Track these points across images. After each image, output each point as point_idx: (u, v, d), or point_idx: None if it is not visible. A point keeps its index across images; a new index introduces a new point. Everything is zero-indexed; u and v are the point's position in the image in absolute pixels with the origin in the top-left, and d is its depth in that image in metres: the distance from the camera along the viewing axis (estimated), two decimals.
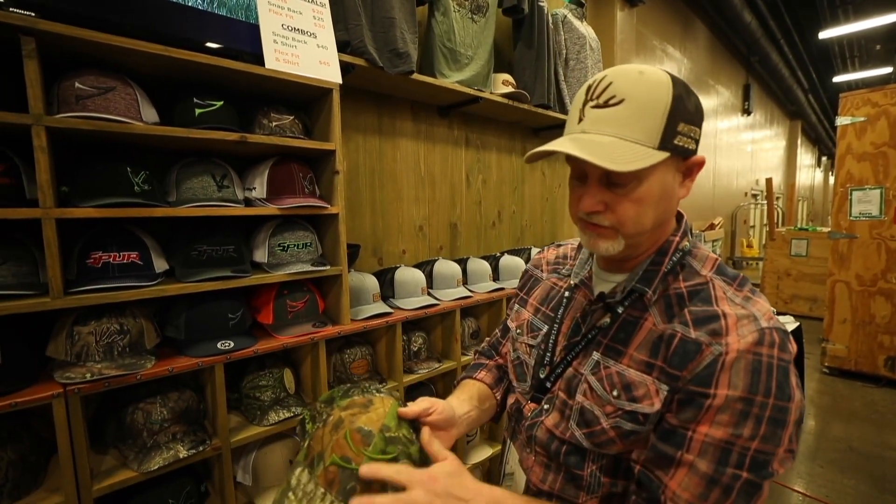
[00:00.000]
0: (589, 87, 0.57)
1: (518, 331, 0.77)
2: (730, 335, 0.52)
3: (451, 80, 1.77)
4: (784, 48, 7.12)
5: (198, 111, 1.12)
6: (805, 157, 13.88)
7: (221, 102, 1.16)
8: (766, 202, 7.10)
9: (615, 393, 0.58)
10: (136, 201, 1.00)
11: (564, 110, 2.34)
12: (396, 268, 1.64)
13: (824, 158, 17.40)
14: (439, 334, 1.73)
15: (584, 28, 2.46)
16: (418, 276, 1.63)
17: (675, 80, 0.55)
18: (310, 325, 1.29)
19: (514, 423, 0.74)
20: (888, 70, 8.46)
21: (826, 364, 3.85)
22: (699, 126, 0.57)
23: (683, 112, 0.54)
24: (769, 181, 6.44)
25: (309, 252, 1.33)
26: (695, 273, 0.60)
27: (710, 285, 0.58)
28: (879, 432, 2.87)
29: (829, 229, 3.91)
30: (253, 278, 1.18)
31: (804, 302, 5.52)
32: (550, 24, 2.23)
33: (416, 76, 1.61)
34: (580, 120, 0.56)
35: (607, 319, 0.63)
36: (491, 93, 1.93)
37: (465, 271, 1.83)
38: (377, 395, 0.66)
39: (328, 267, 1.31)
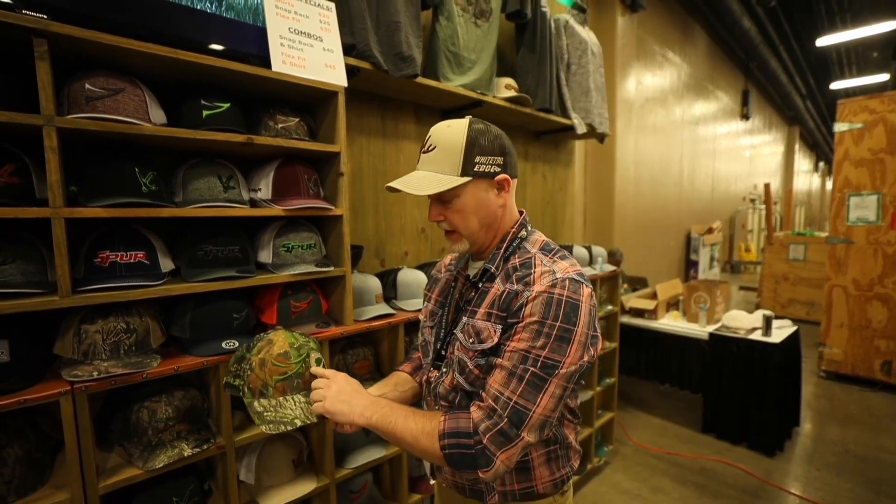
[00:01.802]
0: (424, 140, 0.84)
1: (423, 320, 1.00)
2: (536, 284, 0.75)
3: (455, 83, 1.79)
4: (782, 54, 7.17)
5: (205, 113, 1.13)
6: (803, 162, 13.95)
7: (228, 104, 1.17)
8: (764, 207, 7.13)
9: (471, 340, 0.81)
10: (143, 201, 1.01)
11: (566, 114, 2.36)
12: (399, 269, 1.65)
13: (822, 164, 17.49)
14: None
15: (586, 33, 2.48)
16: (420, 277, 1.64)
17: (472, 127, 0.79)
18: (313, 325, 1.30)
19: (425, 392, 0.95)
20: (885, 77, 8.52)
21: (823, 368, 3.87)
22: (500, 154, 0.80)
23: (478, 147, 0.78)
24: (767, 186, 6.47)
25: (313, 253, 1.34)
26: (525, 252, 0.83)
27: (533, 258, 0.81)
28: (876, 436, 2.89)
29: (827, 234, 3.94)
30: (257, 278, 1.19)
31: (801, 306, 5.55)
32: (553, 30, 2.25)
33: (420, 80, 1.62)
34: (418, 163, 0.84)
35: (473, 293, 0.86)
36: (494, 96, 1.95)
37: None
38: (269, 333, 0.93)
39: (332, 268, 1.32)
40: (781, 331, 2.85)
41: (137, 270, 1.03)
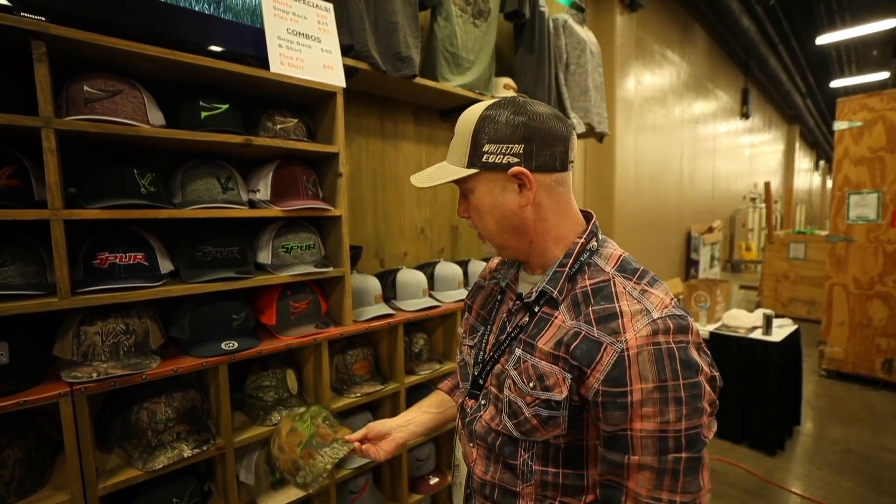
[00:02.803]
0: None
1: (463, 335, 0.85)
2: (627, 332, 0.57)
3: (453, 83, 1.79)
4: (782, 53, 7.16)
5: (203, 114, 1.13)
6: (803, 160, 13.93)
7: (227, 106, 1.17)
8: (764, 205, 7.12)
9: (532, 384, 0.64)
10: (142, 203, 1.01)
11: (565, 114, 2.36)
12: (398, 269, 1.65)
13: (822, 162, 17.47)
14: (441, 335, 1.74)
15: (585, 33, 2.48)
16: (420, 277, 1.64)
17: (489, 107, 0.65)
18: (312, 325, 1.30)
19: (459, 420, 0.81)
20: (885, 75, 8.51)
21: (824, 367, 3.87)
22: (520, 142, 0.63)
23: (486, 135, 0.64)
24: (767, 185, 6.47)
25: (312, 254, 1.34)
26: (599, 271, 0.65)
27: (611, 282, 0.63)
28: (877, 435, 2.88)
29: (827, 233, 3.93)
30: (257, 279, 1.19)
31: (802, 305, 5.54)
32: (551, 29, 2.25)
33: (418, 80, 1.62)
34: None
35: (526, 318, 0.69)
36: (492, 96, 1.95)
37: (466, 273, 1.84)
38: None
39: (331, 268, 1.33)
40: (782, 329, 2.85)
41: (136, 272, 1.03)
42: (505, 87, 2.02)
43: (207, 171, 1.18)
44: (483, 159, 0.64)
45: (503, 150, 0.63)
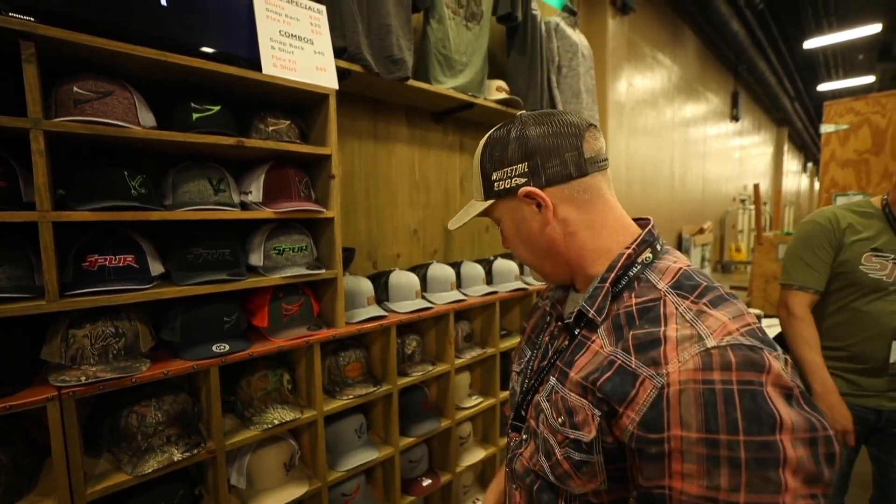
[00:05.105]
0: None
1: (514, 360, 0.77)
2: (670, 363, 0.45)
3: (446, 86, 1.80)
4: (770, 57, 7.26)
5: (195, 115, 1.13)
6: (791, 163, 14.12)
7: (219, 107, 1.17)
8: (753, 207, 7.21)
9: (561, 419, 0.55)
10: (132, 205, 1.00)
11: None
12: (391, 271, 1.65)
13: (810, 164, 17.72)
14: (433, 337, 1.74)
15: (577, 36, 2.50)
16: (412, 279, 1.64)
17: (489, 134, 0.63)
18: (305, 328, 1.30)
19: (507, 456, 0.71)
20: (871, 79, 8.66)
21: None
22: (522, 160, 0.58)
23: (491, 163, 0.62)
24: (756, 187, 6.55)
25: (304, 256, 1.34)
26: (650, 288, 0.54)
27: (661, 301, 0.51)
28: None
29: None
30: (248, 281, 1.19)
31: None
32: (543, 32, 2.26)
33: (411, 82, 1.63)
34: None
35: (566, 342, 0.61)
36: (485, 99, 1.96)
37: (458, 275, 1.85)
38: None
39: (323, 270, 1.32)
40: (771, 329, 2.88)
41: (126, 274, 1.02)
42: (498, 90, 2.03)
43: (199, 173, 1.17)
44: (495, 188, 0.62)
45: (508, 174, 0.60)
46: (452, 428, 1.72)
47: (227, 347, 1.12)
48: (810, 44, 6.76)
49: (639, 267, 0.56)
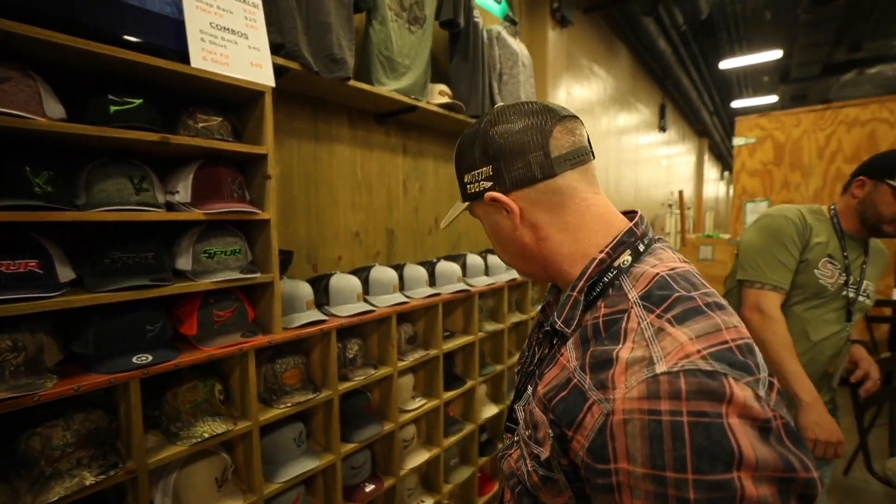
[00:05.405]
0: None
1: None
2: (617, 389, 0.41)
3: (389, 87, 1.79)
4: (692, 74, 7.92)
5: (113, 108, 1.04)
6: (711, 171, 15.45)
7: (141, 100, 1.08)
8: (679, 212, 7.82)
9: (528, 433, 0.52)
10: (36, 204, 0.91)
11: None
12: (332, 274, 1.62)
13: (726, 173, 19.50)
14: (375, 340, 1.73)
15: (518, 45, 2.59)
16: (354, 282, 1.62)
17: (462, 137, 0.62)
18: (238, 334, 1.24)
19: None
20: (774, 99, 9.72)
21: None
22: (486, 163, 0.56)
23: (463, 166, 0.61)
24: (681, 193, 7.11)
25: (238, 259, 1.28)
26: (622, 296, 0.49)
27: (626, 315, 0.46)
28: None
29: (729, 236, 4.39)
30: (174, 287, 1.12)
31: None
32: (485, 40, 2.32)
33: (352, 83, 1.60)
34: None
35: (546, 350, 0.58)
36: (428, 102, 1.97)
37: (401, 277, 1.84)
38: None
39: (258, 274, 1.27)
40: None
41: (27, 281, 0.92)
42: (440, 94, 2.05)
43: (118, 171, 1.08)
44: (468, 191, 0.60)
45: (476, 177, 0.58)
46: (396, 431, 1.71)
47: (150, 358, 1.05)
48: (725, 64, 7.48)
49: (614, 272, 0.51)
